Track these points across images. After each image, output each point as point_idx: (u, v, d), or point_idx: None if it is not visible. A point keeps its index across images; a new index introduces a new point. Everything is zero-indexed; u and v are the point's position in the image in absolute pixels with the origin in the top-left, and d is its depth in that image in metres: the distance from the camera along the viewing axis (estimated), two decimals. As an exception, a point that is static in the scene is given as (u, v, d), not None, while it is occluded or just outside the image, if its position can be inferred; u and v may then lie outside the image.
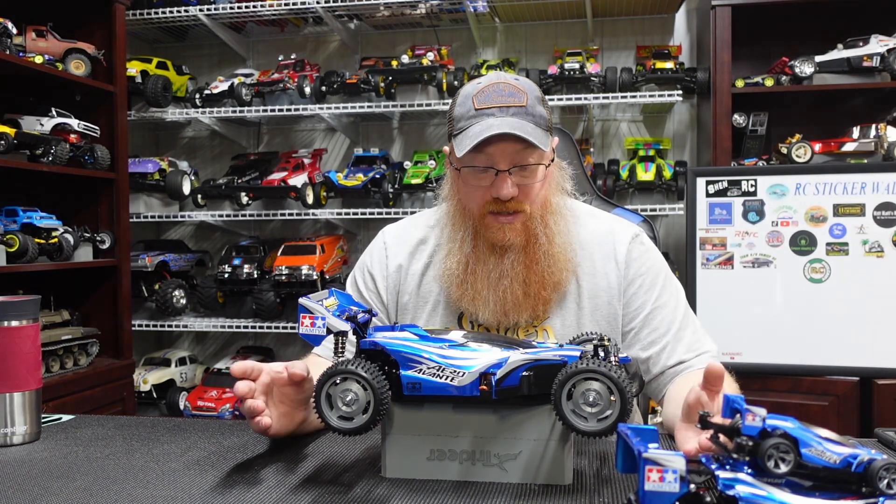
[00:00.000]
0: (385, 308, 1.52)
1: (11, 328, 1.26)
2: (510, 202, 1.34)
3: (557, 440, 1.01)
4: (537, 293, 1.37)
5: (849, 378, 2.71)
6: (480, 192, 1.36)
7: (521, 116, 1.32)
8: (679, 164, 3.46)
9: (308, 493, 1.00)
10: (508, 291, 1.36)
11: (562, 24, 3.79)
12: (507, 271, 1.36)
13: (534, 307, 1.38)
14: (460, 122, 1.35)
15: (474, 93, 1.36)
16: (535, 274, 1.37)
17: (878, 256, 2.73)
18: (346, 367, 0.98)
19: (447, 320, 1.46)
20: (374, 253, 1.56)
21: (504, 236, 1.36)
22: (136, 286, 3.59)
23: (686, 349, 1.40)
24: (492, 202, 1.35)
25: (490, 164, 1.33)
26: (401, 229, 1.58)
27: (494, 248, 1.37)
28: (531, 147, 1.31)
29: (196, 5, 3.60)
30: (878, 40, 3.08)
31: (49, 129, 2.93)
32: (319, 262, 3.47)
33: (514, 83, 1.36)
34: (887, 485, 0.76)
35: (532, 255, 1.37)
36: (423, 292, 1.49)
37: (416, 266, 1.51)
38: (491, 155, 1.32)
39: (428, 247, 1.51)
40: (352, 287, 1.58)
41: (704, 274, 2.85)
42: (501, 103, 1.33)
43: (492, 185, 1.34)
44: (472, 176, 1.36)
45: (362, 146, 3.88)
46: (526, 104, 1.33)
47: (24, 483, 1.05)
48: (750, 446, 0.76)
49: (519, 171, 1.34)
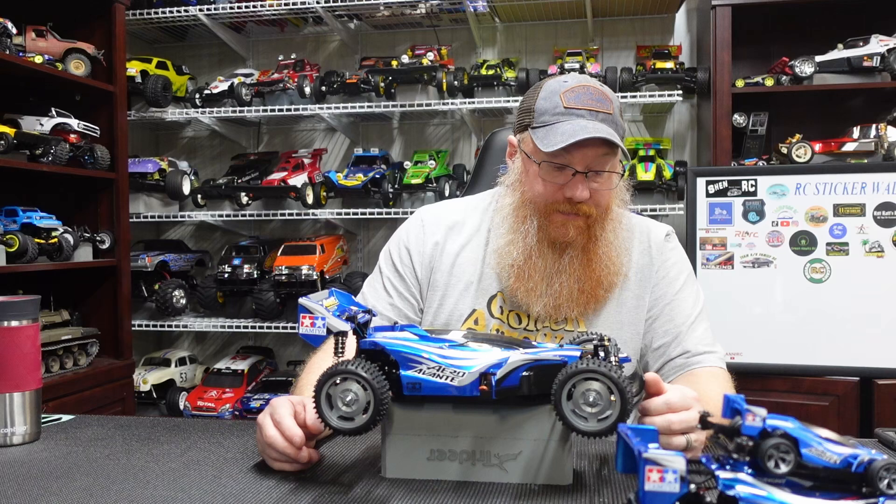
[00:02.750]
0: (418, 283, 1.53)
1: (11, 328, 1.26)
2: (581, 204, 1.37)
3: (557, 440, 1.01)
4: (592, 291, 1.41)
5: (849, 378, 2.71)
6: (553, 188, 1.38)
7: (609, 124, 1.34)
8: (679, 164, 3.46)
9: (308, 493, 0.99)
10: (564, 287, 1.39)
11: (562, 24, 3.79)
12: (566, 267, 1.39)
13: (586, 304, 1.42)
14: (544, 116, 1.37)
15: (562, 90, 1.37)
16: (592, 272, 1.40)
17: (879, 256, 2.73)
18: (346, 367, 0.97)
19: (478, 301, 1.47)
20: (410, 229, 1.57)
21: (567, 233, 1.38)
22: (136, 286, 3.59)
23: (696, 342, 1.44)
24: (562, 201, 1.37)
25: (569, 164, 1.35)
26: (438, 208, 1.61)
27: (555, 245, 1.40)
28: (610, 154, 1.35)
29: (196, 5, 3.60)
30: (879, 40, 3.08)
31: (49, 129, 2.93)
32: (319, 262, 3.46)
33: (602, 88, 1.39)
34: (887, 485, 0.76)
35: (590, 254, 1.40)
36: (457, 272, 1.50)
37: (451, 246, 1.52)
38: (571, 155, 1.34)
39: (467, 228, 1.53)
40: (386, 262, 1.58)
41: (704, 274, 2.85)
42: (591, 106, 1.35)
43: (566, 184, 1.36)
44: (548, 172, 1.37)
45: (362, 146, 3.88)
46: (613, 112, 1.36)
47: (24, 483, 1.05)
48: (750, 446, 0.76)
49: (594, 176, 1.36)
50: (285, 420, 1.08)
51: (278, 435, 1.07)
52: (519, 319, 1.45)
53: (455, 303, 1.48)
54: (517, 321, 1.45)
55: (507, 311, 1.45)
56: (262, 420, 1.11)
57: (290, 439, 1.06)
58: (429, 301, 1.51)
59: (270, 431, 1.08)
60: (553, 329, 1.44)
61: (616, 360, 0.99)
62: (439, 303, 1.50)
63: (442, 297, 1.50)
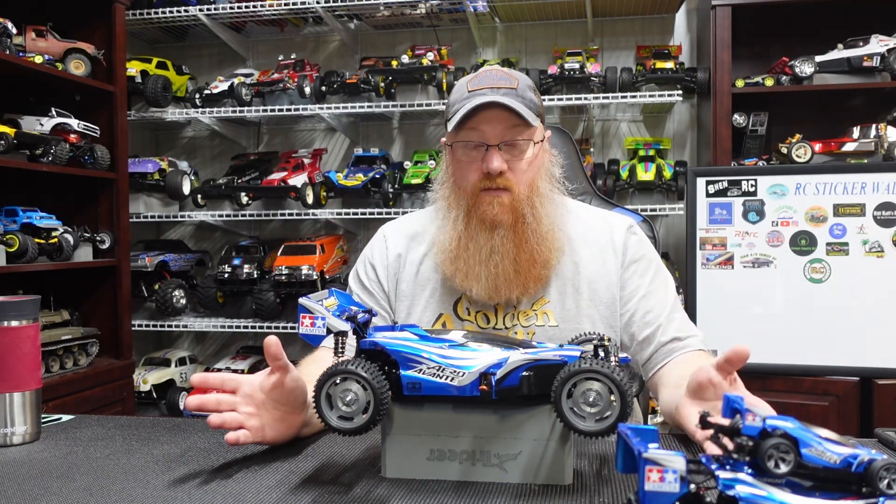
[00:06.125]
0: (386, 296, 1.56)
1: (11, 328, 1.26)
2: (499, 178, 1.39)
3: (557, 440, 1.01)
4: (528, 270, 1.42)
5: (849, 378, 2.71)
6: (472, 168, 1.41)
7: (512, 97, 1.38)
8: (679, 164, 3.46)
9: (308, 493, 0.99)
10: (500, 267, 1.40)
11: (562, 24, 3.79)
12: (498, 247, 1.40)
13: (524, 284, 1.42)
14: (454, 106, 1.42)
15: (469, 79, 1.44)
16: (525, 252, 1.41)
17: (878, 256, 2.73)
18: (346, 367, 0.97)
19: (444, 306, 1.49)
20: (374, 245, 1.62)
21: (493, 211, 1.40)
22: (136, 286, 3.59)
23: (677, 329, 1.46)
24: (483, 178, 1.40)
25: (480, 139, 1.39)
26: (398, 223, 1.65)
27: (485, 225, 1.41)
28: (521, 126, 1.38)
29: (196, 5, 3.60)
30: (879, 40, 3.08)
31: (49, 129, 2.93)
32: (319, 262, 3.46)
33: (506, 70, 1.45)
34: (887, 485, 0.76)
35: (521, 233, 1.41)
36: (421, 279, 1.53)
37: (413, 255, 1.55)
38: (482, 132, 1.39)
39: (427, 236, 1.55)
40: (354, 281, 1.62)
41: (704, 274, 2.85)
42: (493, 84, 1.40)
43: (482, 160, 1.39)
44: (464, 152, 1.42)
45: (362, 146, 3.88)
46: (517, 87, 1.40)
47: (24, 483, 1.05)
48: (750, 446, 0.76)
49: (508, 149, 1.40)
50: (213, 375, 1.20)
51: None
52: (487, 319, 1.46)
53: (422, 310, 1.50)
54: (485, 321, 1.46)
55: (474, 313, 1.47)
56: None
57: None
58: (397, 312, 1.54)
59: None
60: (524, 326, 1.45)
61: (616, 361, 1.00)
62: (407, 311, 1.52)
63: (409, 305, 1.52)
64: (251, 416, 1.15)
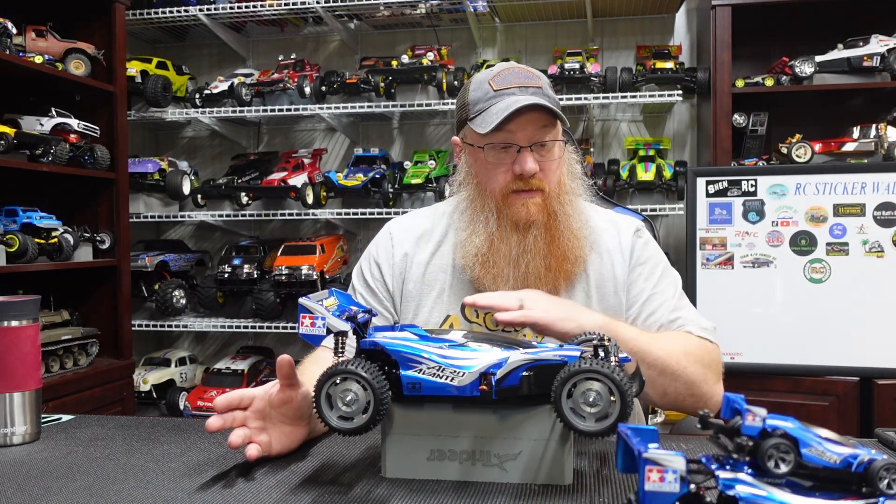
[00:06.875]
0: (390, 295, 1.54)
1: (11, 328, 1.26)
2: (532, 179, 1.38)
3: (557, 440, 1.01)
4: (559, 266, 1.41)
5: (849, 378, 2.71)
6: (502, 170, 1.39)
7: (540, 96, 1.37)
8: (679, 164, 3.46)
9: (308, 493, 0.99)
10: (531, 266, 1.40)
11: (562, 24, 3.79)
12: (530, 247, 1.40)
13: (555, 281, 1.41)
14: (478, 105, 1.39)
15: (490, 77, 1.41)
16: (558, 248, 1.41)
17: (879, 256, 2.73)
18: (346, 367, 0.97)
19: (451, 307, 1.47)
20: (379, 243, 1.59)
21: (527, 212, 1.39)
22: (136, 286, 3.59)
23: (679, 324, 1.46)
24: (513, 180, 1.39)
25: (512, 141, 1.37)
26: (406, 220, 1.62)
27: (517, 227, 1.40)
28: (549, 126, 1.37)
29: (196, 5, 3.60)
30: (879, 40, 3.08)
31: (49, 129, 2.93)
32: (319, 262, 3.46)
33: (528, 68, 1.44)
34: (887, 485, 0.76)
35: (553, 230, 1.41)
36: (429, 280, 1.51)
37: (421, 255, 1.53)
38: (513, 132, 1.37)
39: (435, 235, 1.54)
40: (358, 278, 1.59)
41: (704, 274, 2.85)
42: (520, 83, 1.38)
43: (514, 162, 1.38)
44: (494, 154, 1.39)
45: (362, 146, 3.88)
46: (542, 86, 1.39)
47: (24, 483, 1.05)
48: (750, 446, 0.76)
49: (539, 149, 1.39)
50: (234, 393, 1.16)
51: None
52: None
53: (430, 311, 1.48)
54: (494, 322, 1.45)
55: (482, 314, 1.44)
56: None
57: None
58: (403, 312, 1.52)
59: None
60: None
61: (616, 361, 0.99)
62: (414, 313, 1.50)
63: (416, 307, 1.50)
64: (260, 431, 1.14)
